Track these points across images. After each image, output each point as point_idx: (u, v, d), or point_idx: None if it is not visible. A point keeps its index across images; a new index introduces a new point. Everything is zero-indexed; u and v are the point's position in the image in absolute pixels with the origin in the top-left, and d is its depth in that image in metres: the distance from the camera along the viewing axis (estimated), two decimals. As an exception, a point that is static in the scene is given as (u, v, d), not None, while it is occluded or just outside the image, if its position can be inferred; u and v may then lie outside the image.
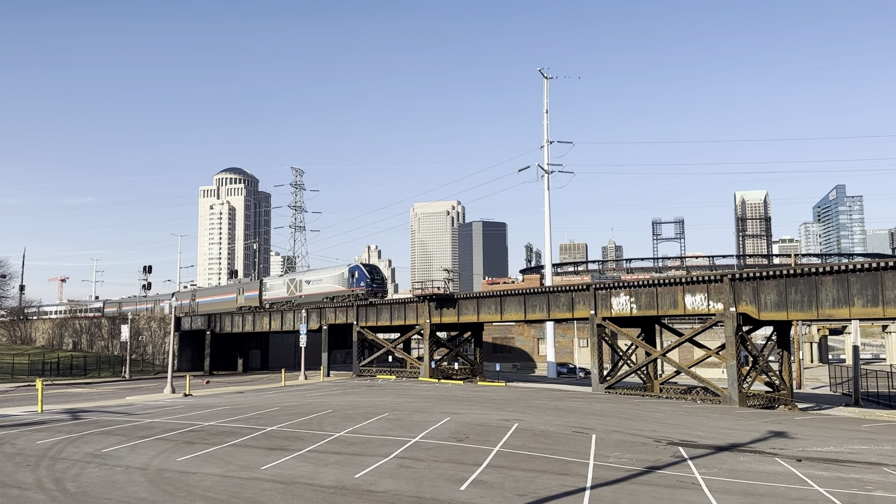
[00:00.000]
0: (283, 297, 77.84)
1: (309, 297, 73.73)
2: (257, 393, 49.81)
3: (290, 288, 76.55)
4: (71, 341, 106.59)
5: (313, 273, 76.15)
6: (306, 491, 17.61)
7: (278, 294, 78.73)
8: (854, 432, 30.38)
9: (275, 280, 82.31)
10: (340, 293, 69.59)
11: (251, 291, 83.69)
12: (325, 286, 71.50)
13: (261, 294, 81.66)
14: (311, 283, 73.80)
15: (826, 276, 37.24)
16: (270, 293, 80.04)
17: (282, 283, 79.52)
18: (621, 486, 18.10)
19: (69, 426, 29.53)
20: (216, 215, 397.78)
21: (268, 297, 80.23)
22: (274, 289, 79.87)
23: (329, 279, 71.31)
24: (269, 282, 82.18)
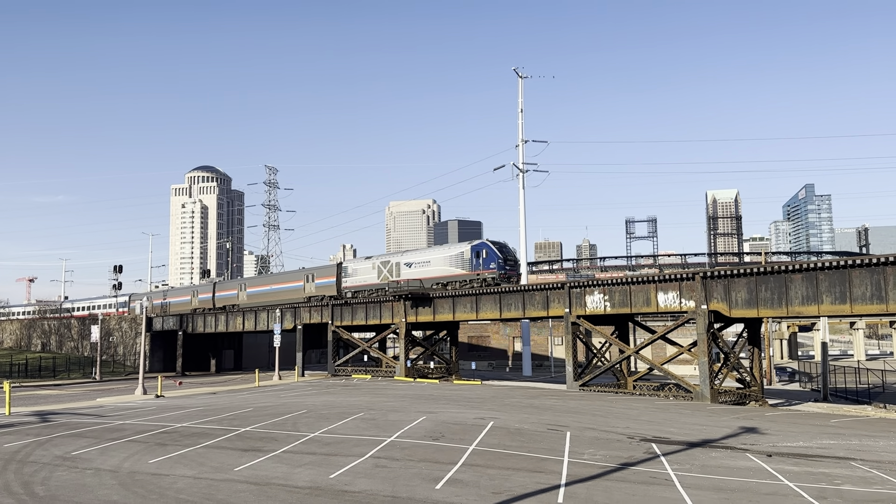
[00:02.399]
0: (372, 284, 65.35)
1: (411, 283, 61.39)
2: (231, 394, 49.37)
3: (383, 272, 64.14)
4: (39, 342, 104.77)
5: (417, 254, 63.46)
6: (280, 492, 17.49)
7: (365, 280, 66.16)
8: (823, 427, 30.93)
9: (360, 263, 68.13)
10: (458, 277, 57.67)
11: (325, 278, 71.10)
12: (435, 269, 59.55)
13: (339, 281, 69.13)
14: (415, 265, 61.49)
15: (795, 274, 37.84)
16: (353, 279, 67.46)
17: (370, 266, 66.33)
18: (595, 483, 18.24)
19: (38, 429, 29.02)
20: (188, 214, 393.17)
21: (350, 285, 67.74)
22: (359, 274, 67.07)
23: (441, 260, 59.49)
24: (352, 266, 68.69)
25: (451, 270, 58.27)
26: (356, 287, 66.97)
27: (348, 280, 67.95)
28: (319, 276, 71.90)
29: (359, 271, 67.13)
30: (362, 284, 66.23)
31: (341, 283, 68.73)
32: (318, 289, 71.35)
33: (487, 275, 55.26)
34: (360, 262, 68.05)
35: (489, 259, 55.61)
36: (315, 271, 73.07)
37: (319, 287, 71.24)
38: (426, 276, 60.11)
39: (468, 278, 56.75)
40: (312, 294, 71.75)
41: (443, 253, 60.11)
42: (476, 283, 55.97)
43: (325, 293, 70.22)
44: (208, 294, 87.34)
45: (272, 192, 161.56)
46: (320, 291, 71.03)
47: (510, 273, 56.12)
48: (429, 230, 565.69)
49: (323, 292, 70.63)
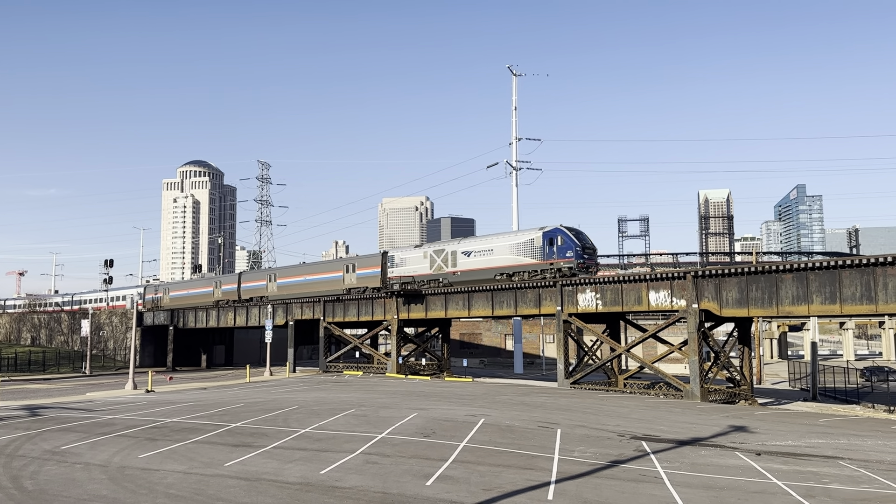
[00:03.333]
0: (423, 275, 59.54)
1: (470, 273, 55.42)
2: (221, 389, 49.26)
3: (437, 262, 58.40)
4: (29, 336, 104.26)
5: (477, 241, 56.90)
6: (271, 487, 17.48)
7: (415, 270, 60.44)
8: (811, 427, 31.11)
9: (409, 252, 62.24)
10: (527, 267, 51.67)
11: (368, 268, 65.43)
12: (499, 258, 53.62)
13: (384, 271, 63.45)
14: (476, 254, 55.50)
15: (786, 274, 38.03)
16: (401, 270, 61.77)
17: (420, 255, 60.44)
18: (585, 480, 18.30)
19: (27, 423, 28.90)
20: (180, 209, 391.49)
21: (398, 275, 61.86)
22: (408, 264, 61.36)
23: (507, 248, 53.37)
24: (400, 255, 62.55)
25: (519, 259, 52.46)
26: (404, 278, 61.26)
27: (395, 270, 62.26)
28: (362, 265, 66.24)
29: (408, 261, 61.60)
30: (411, 275, 60.61)
31: (386, 274, 63.19)
32: (359, 280, 65.74)
33: (563, 264, 49.42)
34: (409, 250, 62.54)
35: (565, 247, 49.69)
36: (356, 261, 67.23)
37: (361, 278, 65.60)
38: (488, 265, 54.35)
39: (539, 268, 50.90)
40: (353, 286, 66.06)
41: (509, 240, 53.75)
42: (549, 273, 50.25)
43: (368, 284, 64.65)
44: (233, 285, 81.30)
45: (264, 187, 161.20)
46: (362, 283, 65.36)
47: (588, 262, 50.26)
48: (422, 227, 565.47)
49: (365, 283, 65.04)
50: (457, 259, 57.05)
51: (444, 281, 57.29)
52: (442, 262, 58.23)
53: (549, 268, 50.29)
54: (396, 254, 63.01)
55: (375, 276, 64.45)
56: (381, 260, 63.97)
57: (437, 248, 59.45)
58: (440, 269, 58.28)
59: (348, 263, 67.69)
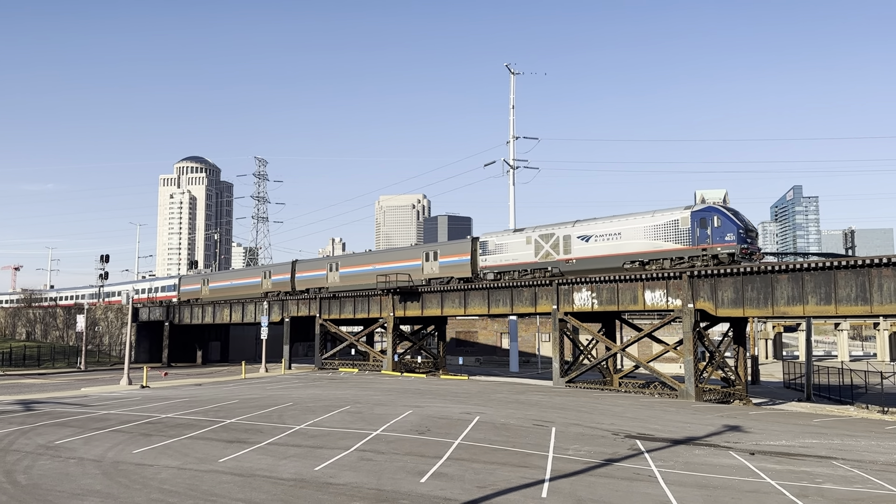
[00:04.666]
0: (526, 264, 51.37)
1: (590, 261, 47.27)
2: (216, 385, 49.22)
3: (544, 248, 50.21)
4: (24, 331, 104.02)
5: (598, 223, 47.58)
6: (265, 484, 17.48)
7: (515, 258, 52.33)
8: (806, 427, 31.20)
9: (507, 237, 53.59)
10: (669, 253, 43.54)
11: (454, 256, 57.87)
12: (629, 243, 45.40)
13: (475, 258, 55.91)
14: (597, 239, 46.94)
15: (782, 275, 38.12)
16: (497, 257, 53.64)
17: (522, 241, 51.92)
18: (579, 478, 18.33)
19: (21, 417, 28.85)
20: (176, 204, 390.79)
21: (492, 264, 53.87)
22: (506, 250, 53.11)
23: (640, 232, 45.04)
24: (496, 240, 54.17)
25: (657, 245, 44.35)
26: (501, 267, 53.25)
27: (488, 258, 54.33)
28: (446, 253, 58.93)
29: (506, 247, 53.58)
30: (510, 263, 52.80)
31: (477, 263, 55.70)
32: (442, 269, 58.52)
33: (722, 249, 41.42)
34: (507, 235, 53.91)
35: (725, 228, 41.72)
36: (438, 248, 60.15)
37: (445, 267, 58.35)
38: (613, 251, 46.24)
39: (687, 255, 42.87)
40: (434, 276, 58.97)
41: (643, 222, 45.06)
42: (701, 260, 42.31)
43: (454, 274, 57.49)
44: (285, 275, 74.07)
45: (261, 183, 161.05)
46: (446, 272, 58.20)
47: (751, 248, 42.33)
48: (418, 225, 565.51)
49: (449, 273, 57.92)
50: (570, 245, 48.93)
51: (553, 270, 49.80)
52: (551, 248, 50.09)
53: (700, 254, 42.44)
54: (490, 239, 54.89)
55: (463, 264, 56.92)
56: (471, 246, 56.64)
57: (545, 232, 50.63)
58: (548, 256, 50.28)
59: (428, 251, 60.33)
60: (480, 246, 55.41)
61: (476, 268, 55.82)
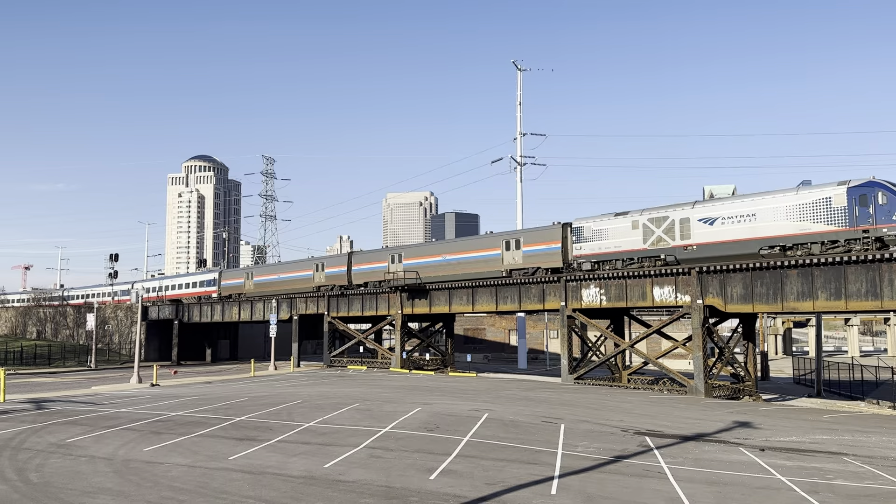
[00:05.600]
0: (634, 251, 45.51)
1: (715, 247, 41.55)
2: (226, 383, 49.41)
3: (655, 234, 44.38)
4: (35, 330, 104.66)
5: (726, 204, 41.93)
6: (275, 481, 17.53)
7: (618, 245, 46.31)
8: (816, 423, 31.07)
9: (607, 222, 47.23)
10: (819, 237, 37.91)
11: (539, 244, 51.72)
12: (767, 226, 39.72)
13: (566, 247, 49.87)
14: (724, 221, 41.28)
15: (791, 270, 37.92)
16: (594, 245, 47.56)
17: (627, 226, 45.99)
18: (589, 475, 18.31)
19: (33, 416, 29.02)
20: (185, 203, 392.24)
21: (588, 252, 47.72)
22: (606, 237, 47.04)
23: (780, 212, 39.33)
24: (593, 225, 47.82)
25: (802, 227, 38.66)
26: (600, 255, 47.25)
27: (584, 246, 48.26)
28: (531, 241, 52.61)
29: (606, 233, 47.17)
30: (612, 251, 46.76)
31: (569, 252, 49.73)
32: (526, 259, 52.56)
33: (889, 231, 35.34)
34: (608, 219, 47.32)
35: (892, 206, 35.62)
36: (522, 235, 53.65)
37: (530, 257, 52.39)
38: (746, 235, 40.61)
39: (843, 237, 37.11)
40: (517, 266, 52.95)
41: (784, 200, 39.49)
42: (859, 244, 36.51)
43: (540, 264, 51.46)
44: (340, 268, 68.61)
45: (269, 182, 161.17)
46: (531, 262, 52.23)
47: None
48: (426, 222, 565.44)
49: (535, 263, 51.89)
50: (690, 228, 43.13)
51: (667, 258, 44.01)
52: (664, 233, 44.21)
53: (861, 237, 36.47)
54: (587, 224, 48.49)
55: (551, 253, 50.81)
56: (562, 233, 50.25)
57: (656, 214, 44.61)
58: (660, 242, 44.43)
59: (509, 239, 54.25)
60: (573, 232, 49.27)
61: (567, 257, 49.90)
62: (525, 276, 51.61)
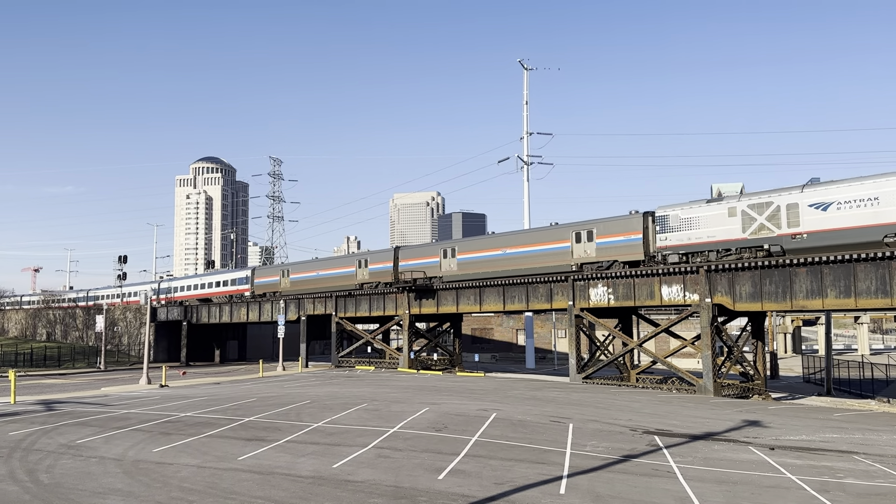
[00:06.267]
0: (731, 241, 40.85)
1: (830, 235, 37.52)
2: (235, 384, 49.54)
3: (757, 221, 39.82)
4: (45, 331, 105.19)
5: (840, 186, 37.59)
6: (284, 481, 17.57)
7: (712, 234, 41.53)
8: (826, 421, 30.92)
9: (697, 209, 42.42)
10: None
11: (614, 235, 46.74)
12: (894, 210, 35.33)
13: (648, 237, 45.12)
14: (840, 206, 37.16)
15: (800, 268, 37.73)
16: (683, 234, 42.72)
17: (723, 212, 41.23)
18: (598, 475, 18.27)
19: (43, 417, 29.18)
20: (193, 205, 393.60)
21: (675, 244, 43.03)
22: (697, 225, 42.19)
23: None
24: (682, 213, 42.97)
25: None
26: (690, 247, 42.59)
27: (671, 236, 43.62)
28: (604, 232, 47.48)
29: (697, 221, 42.46)
30: (704, 242, 42.09)
31: (651, 243, 45.08)
32: (599, 252, 47.55)
33: None
34: (699, 206, 42.59)
35: None
36: (594, 226, 48.22)
37: (605, 249, 47.26)
38: (869, 221, 36.28)
39: None
40: (589, 260, 48.03)
41: None
42: None
43: (617, 257, 46.42)
44: (385, 263, 64.67)
45: (276, 183, 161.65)
46: (606, 255, 47.17)
47: None
48: (433, 222, 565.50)
49: (611, 256, 46.84)
50: (799, 215, 39.02)
51: (771, 248, 39.48)
52: (767, 220, 39.85)
53: None
54: (673, 213, 43.80)
55: (630, 245, 46.08)
56: (643, 222, 45.51)
57: (758, 200, 40.41)
58: (762, 231, 40.07)
59: (580, 230, 49.01)
60: (657, 221, 44.63)
61: (649, 248, 45.39)
62: (600, 270, 47.17)
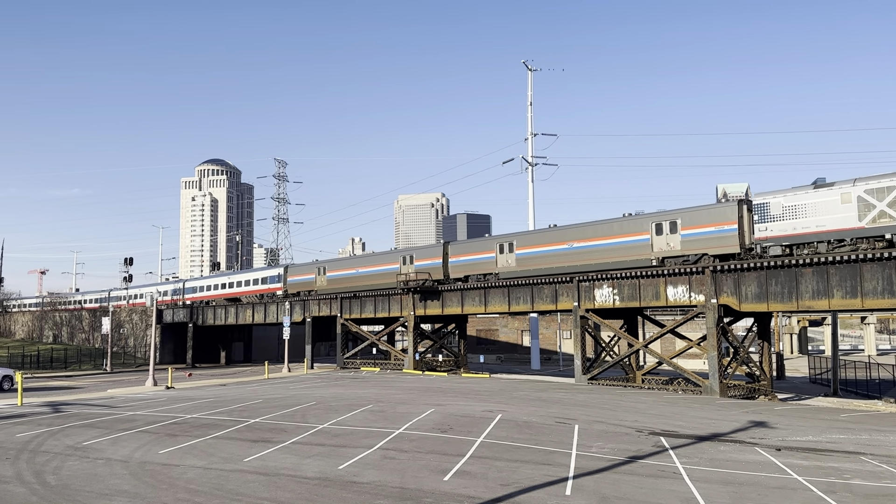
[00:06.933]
0: (841, 231, 36.90)
1: None
2: (240, 385, 49.62)
3: (878, 208, 35.49)
4: (51, 333, 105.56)
5: None
6: (290, 482, 17.59)
7: (821, 223, 37.61)
8: (832, 422, 30.81)
9: (804, 196, 38.24)
10: None
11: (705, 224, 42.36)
12: None
13: (743, 230, 41.00)
14: None
15: (806, 269, 37.61)
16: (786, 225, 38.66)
17: (833, 199, 37.26)
18: (603, 476, 18.25)
19: (50, 419, 29.29)
20: (198, 207, 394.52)
21: (778, 234, 38.91)
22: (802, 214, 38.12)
23: None
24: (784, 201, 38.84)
25: None
26: (796, 237, 38.30)
27: (772, 226, 39.22)
28: (690, 223, 43.06)
29: (803, 210, 38.15)
30: (813, 232, 37.66)
31: (748, 233, 40.93)
32: (686, 244, 43.10)
33: None
34: (805, 193, 38.24)
35: None
36: (680, 216, 43.60)
37: (691, 241, 42.85)
38: None
39: None
40: (672, 253, 43.75)
41: None
42: None
43: (708, 250, 42.19)
44: (433, 259, 60.37)
45: (281, 185, 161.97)
46: (694, 248, 42.77)
47: None
48: (437, 224, 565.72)
49: (700, 249, 42.52)
50: None
51: (894, 238, 35.17)
52: (889, 206, 35.06)
53: None
54: (774, 200, 39.36)
55: (722, 237, 41.59)
56: (737, 211, 41.12)
57: (876, 185, 35.39)
58: (884, 218, 35.29)
59: (661, 220, 44.57)
60: (756, 210, 40.07)
61: (745, 240, 41.10)
62: (685, 265, 43.06)
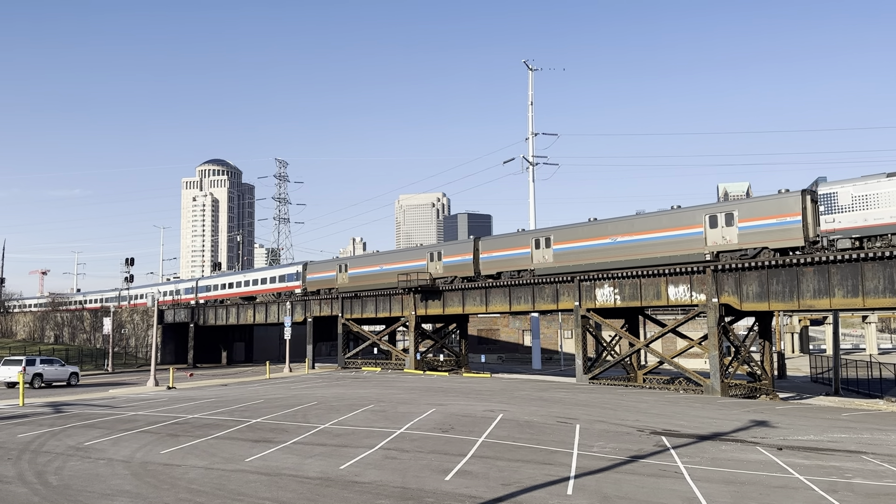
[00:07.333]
0: None
1: None
2: (241, 385, 49.64)
3: None
4: (53, 334, 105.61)
5: None
6: (291, 482, 17.59)
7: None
8: (834, 421, 30.79)
9: (878, 185, 35.02)
10: None
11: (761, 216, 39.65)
12: None
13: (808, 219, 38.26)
14: None
15: (807, 268, 37.59)
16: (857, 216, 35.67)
17: None
18: (605, 475, 18.24)
19: (51, 419, 29.31)
20: (199, 207, 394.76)
21: (848, 226, 35.97)
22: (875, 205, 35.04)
23: None
24: (854, 191, 35.78)
25: None
26: (869, 229, 35.22)
27: (840, 218, 36.05)
28: (751, 214, 40.38)
29: (876, 200, 34.94)
30: (885, 223, 34.67)
31: (812, 225, 38.13)
32: (744, 237, 40.38)
33: None
34: (877, 182, 34.98)
35: None
36: (737, 207, 41.09)
37: (750, 234, 40.15)
38: None
39: None
40: (730, 248, 41.08)
41: None
42: None
43: (769, 243, 39.33)
44: (463, 256, 57.87)
45: (282, 185, 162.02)
46: (753, 241, 40.03)
47: None
48: (438, 223, 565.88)
49: (762, 242, 39.65)
50: None
51: None
52: None
53: None
54: (843, 189, 35.95)
55: (785, 229, 38.80)
56: (801, 202, 38.21)
57: None
58: None
59: (717, 212, 41.80)
60: (822, 200, 36.89)
61: (809, 232, 38.23)
62: (742, 260, 40.22)
